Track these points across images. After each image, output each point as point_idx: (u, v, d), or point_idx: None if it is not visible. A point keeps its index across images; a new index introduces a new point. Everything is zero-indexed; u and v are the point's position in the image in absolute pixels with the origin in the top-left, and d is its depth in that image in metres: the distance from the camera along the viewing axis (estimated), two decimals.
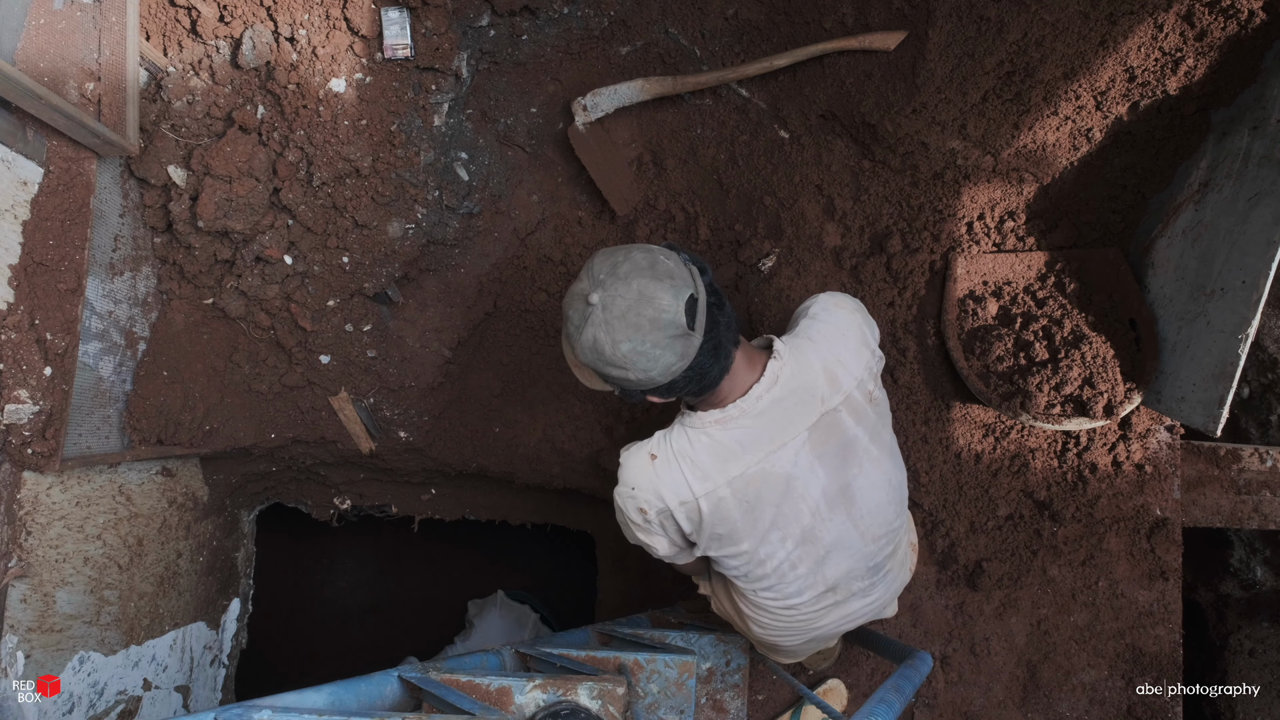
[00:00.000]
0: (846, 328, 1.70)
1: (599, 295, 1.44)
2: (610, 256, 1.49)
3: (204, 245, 2.59)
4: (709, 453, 1.62)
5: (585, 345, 1.48)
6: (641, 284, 1.44)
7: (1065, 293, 2.65)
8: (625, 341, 1.45)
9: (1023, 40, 2.37)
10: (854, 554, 1.77)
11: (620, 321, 1.44)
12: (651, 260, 1.47)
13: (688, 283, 1.48)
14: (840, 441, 1.67)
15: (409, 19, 2.47)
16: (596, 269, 1.48)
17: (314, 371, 2.87)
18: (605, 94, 2.73)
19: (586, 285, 1.47)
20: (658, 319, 1.44)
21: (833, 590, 1.82)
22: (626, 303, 1.43)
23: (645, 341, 1.44)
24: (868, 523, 1.75)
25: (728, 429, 1.61)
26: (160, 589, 2.87)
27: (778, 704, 2.72)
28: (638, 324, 1.44)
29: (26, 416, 2.13)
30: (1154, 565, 2.75)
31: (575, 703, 1.55)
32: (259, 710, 1.34)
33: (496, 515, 3.87)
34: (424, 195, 2.67)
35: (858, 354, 1.68)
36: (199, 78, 2.47)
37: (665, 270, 1.47)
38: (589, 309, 1.45)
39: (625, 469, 1.69)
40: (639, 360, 1.46)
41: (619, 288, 1.44)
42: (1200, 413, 2.38)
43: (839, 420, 1.65)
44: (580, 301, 1.48)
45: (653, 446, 1.67)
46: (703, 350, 1.49)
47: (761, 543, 1.71)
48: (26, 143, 2.09)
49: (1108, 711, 2.76)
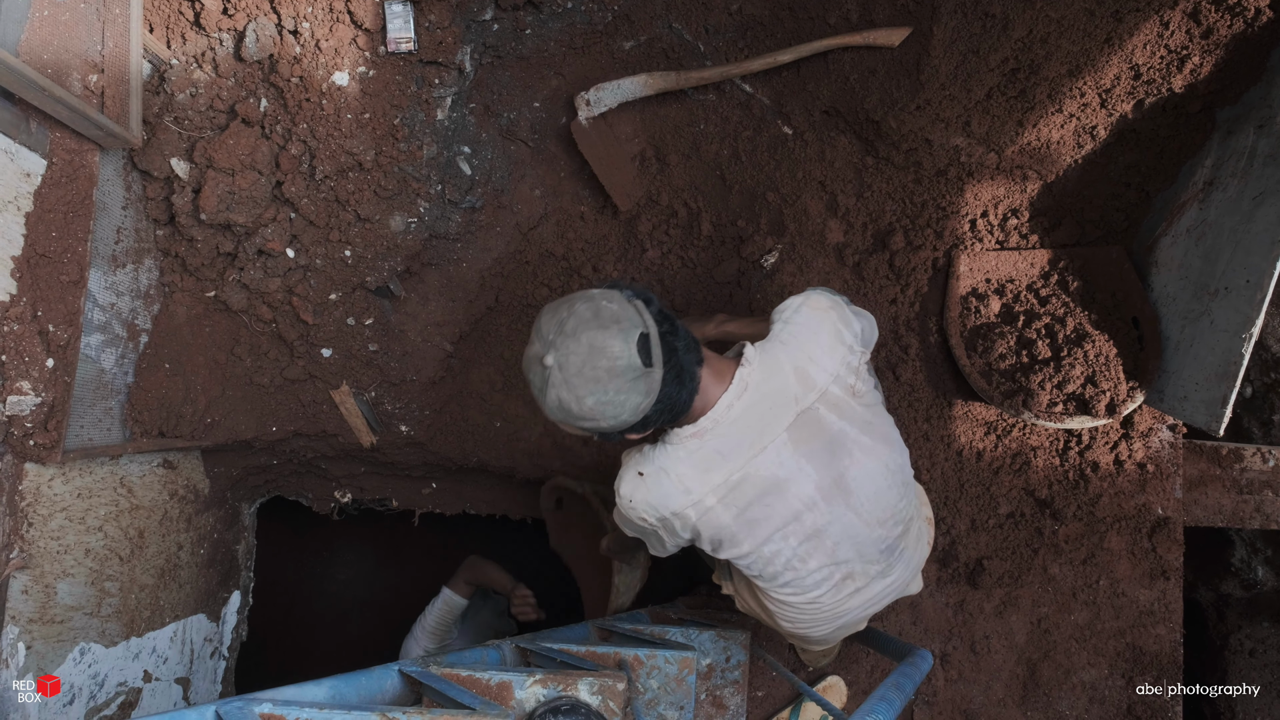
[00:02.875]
0: (818, 325, 1.71)
1: (552, 356, 1.47)
2: (555, 314, 1.51)
3: (206, 238, 2.59)
4: (689, 465, 1.66)
5: (551, 406, 1.52)
6: (590, 336, 1.46)
7: (1068, 291, 2.64)
8: (589, 396, 1.48)
9: (1028, 37, 2.36)
10: (862, 540, 1.78)
11: (579, 378, 1.47)
12: (595, 309, 1.49)
13: (635, 322, 1.50)
14: (825, 437, 1.68)
15: (412, 12, 2.47)
16: (545, 329, 1.51)
17: (315, 365, 2.87)
18: (608, 89, 2.72)
19: (539, 348, 1.50)
20: (614, 367, 1.46)
21: (850, 578, 1.83)
22: (580, 358, 1.46)
23: (608, 391, 1.47)
24: (870, 509, 1.76)
25: (704, 440, 1.64)
26: (161, 581, 2.87)
27: (777, 700, 2.72)
28: (596, 376, 1.46)
29: (28, 408, 2.13)
30: (1155, 564, 2.75)
31: (575, 698, 1.55)
32: (259, 703, 1.33)
33: (497, 510, 3.87)
34: (426, 189, 2.67)
35: (831, 350, 1.69)
36: (202, 70, 2.47)
37: (610, 315, 1.49)
38: (546, 371, 1.49)
39: (621, 482, 1.74)
40: (607, 409, 1.50)
41: (569, 345, 1.46)
42: (1203, 412, 2.38)
43: (818, 417, 1.67)
44: (537, 365, 1.51)
45: (639, 464, 1.71)
46: (666, 380, 1.52)
47: (764, 543, 1.73)
48: (29, 134, 2.09)
49: (1108, 710, 2.76)
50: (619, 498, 1.75)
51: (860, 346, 1.75)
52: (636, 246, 2.92)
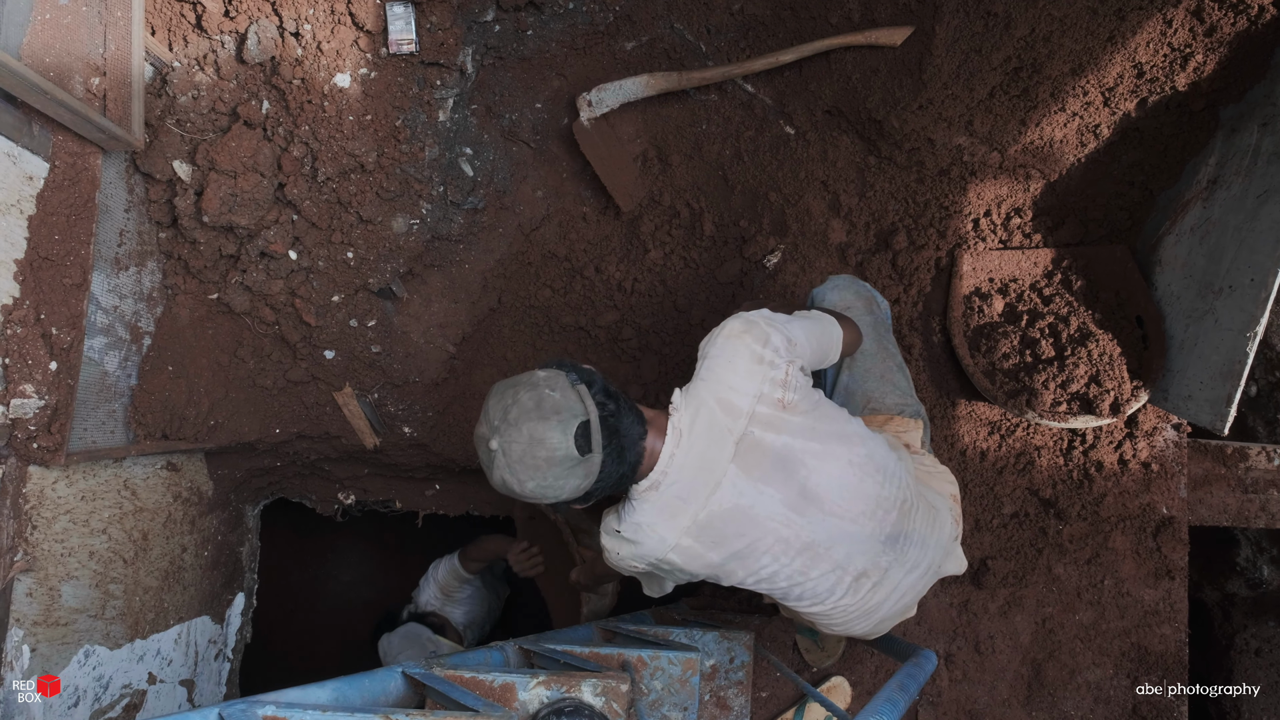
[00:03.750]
0: (733, 353, 1.72)
1: (496, 441, 1.55)
2: (501, 400, 1.58)
3: (209, 240, 2.59)
4: (656, 515, 1.69)
5: (497, 484, 1.60)
6: (530, 427, 1.53)
7: (1072, 290, 2.64)
8: (529, 480, 1.56)
9: (1030, 36, 2.36)
10: (855, 536, 1.76)
11: (520, 465, 1.55)
12: (537, 399, 1.56)
13: (576, 411, 1.56)
14: (771, 456, 1.69)
15: (414, 14, 2.47)
16: (491, 414, 1.58)
17: (318, 367, 2.87)
18: (610, 89, 2.72)
19: (485, 430, 1.58)
20: (551, 457, 1.54)
21: (863, 576, 1.81)
22: (521, 447, 1.54)
23: (547, 476, 1.56)
24: (848, 507, 1.74)
25: (660, 491, 1.67)
26: (165, 583, 2.87)
27: (781, 701, 2.72)
28: (535, 464, 1.54)
29: (32, 411, 2.13)
30: (1160, 564, 2.75)
31: (579, 699, 1.55)
32: (263, 706, 1.33)
33: (500, 511, 3.87)
34: (428, 190, 2.67)
35: (749, 373, 1.70)
36: (204, 72, 2.47)
37: (551, 406, 1.55)
38: (491, 454, 1.57)
39: (603, 539, 1.80)
40: (547, 491, 1.58)
41: (511, 433, 1.54)
42: (1207, 411, 2.37)
43: (756, 440, 1.68)
44: (484, 446, 1.58)
45: (614, 523, 1.77)
46: (606, 463, 1.59)
47: (759, 568, 1.75)
48: (32, 137, 2.09)
49: (1113, 710, 2.76)
50: (605, 552, 1.81)
51: (784, 358, 1.73)
52: (639, 247, 2.92)
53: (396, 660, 3.53)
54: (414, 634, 3.72)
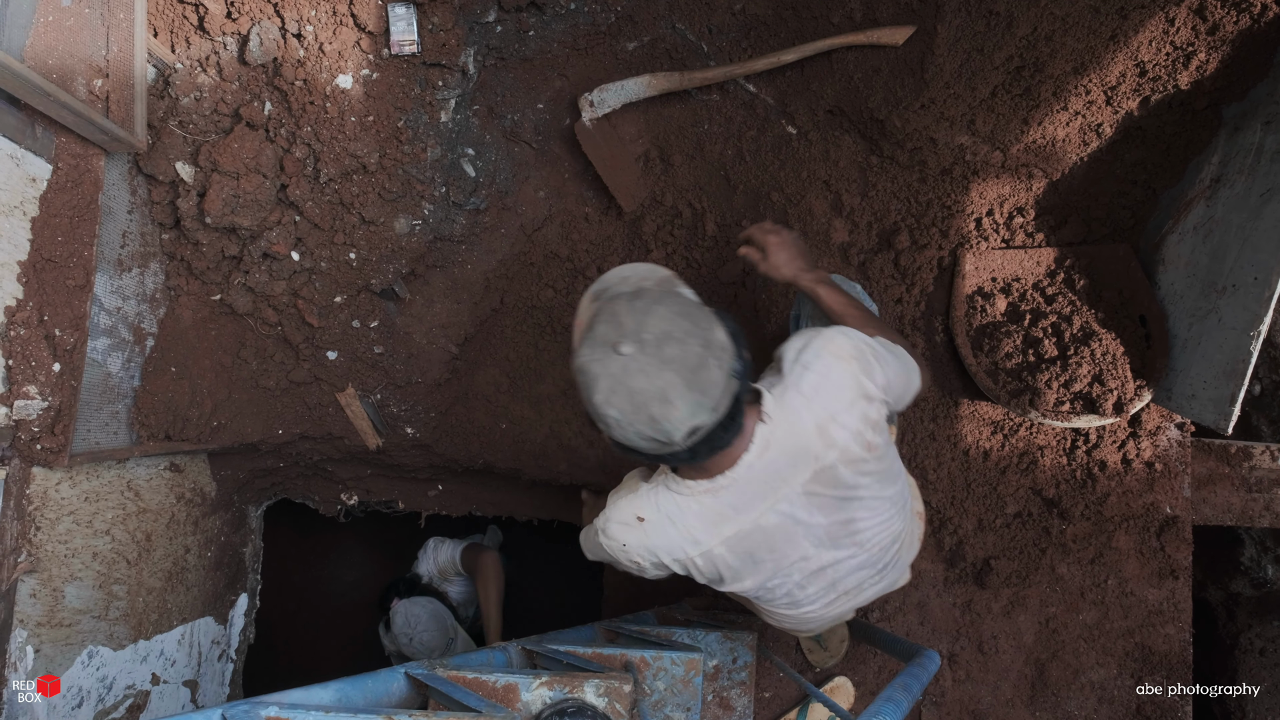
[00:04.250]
0: (840, 380, 1.56)
1: (631, 344, 1.32)
2: (631, 305, 1.37)
3: (211, 241, 2.59)
4: (700, 518, 1.57)
5: (607, 403, 1.35)
6: (674, 322, 1.33)
7: (1075, 289, 2.64)
8: (660, 382, 1.32)
9: (1032, 35, 2.35)
10: (863, 564, 1.77)
11: (656, 364, 1.31)
12: (684, 309, 1.36)
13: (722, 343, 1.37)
14: (839, 491, 1.61)
15: (415, 15, 2.47)
16: (621, 314, 1.36)
17: (321, 368, 2.88)
18: (612, 90, 2.72)
19: (610, 331, 1.35)
20: (694, 363, 1.32)
21: (846, 594, 1.82)
22: (659, 343, 1.32)
23: (677, 384, 1.32)
24: (875, 541, 1.72)
25: (718, 496, 1.55)
26: (168, 584, 2.88)
27: (784, 701, 2.71)
28: (673, 366, 1.31)
29: (35, 412, 2.14)
30: (1164, 563, 2.74)
31: (581, 700, 1.55)
32: (266, 707, 1.34)
33: (503, 511, 3.87)
34: (430, 191, 2.67)
35: (852, 406, 1.55)
36: (206, 74, 2.47)
37: (701, 319, 1.36)
38: (619, 359, 1.32)
39: (612, 526, 1.64)
40: (669, 412, 1.33)
41: (649, 324, 1.33)
42: (1211, 410, 2.36)
43: (836, 475, 1.58)
44: (603, 351, 1.34)
45: (639, 508, 1.60)
46: (724, 416, 1.38)
47: (767, 579, 1.70)
48: (35, 139, 2.09)
49: (1116, 710, 2.75)
50: (608, 540, 1.65)
51: (880, 398, 1.60)
52: (641, 247, 2.92)
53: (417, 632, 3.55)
54: (440, 615, 3.70)
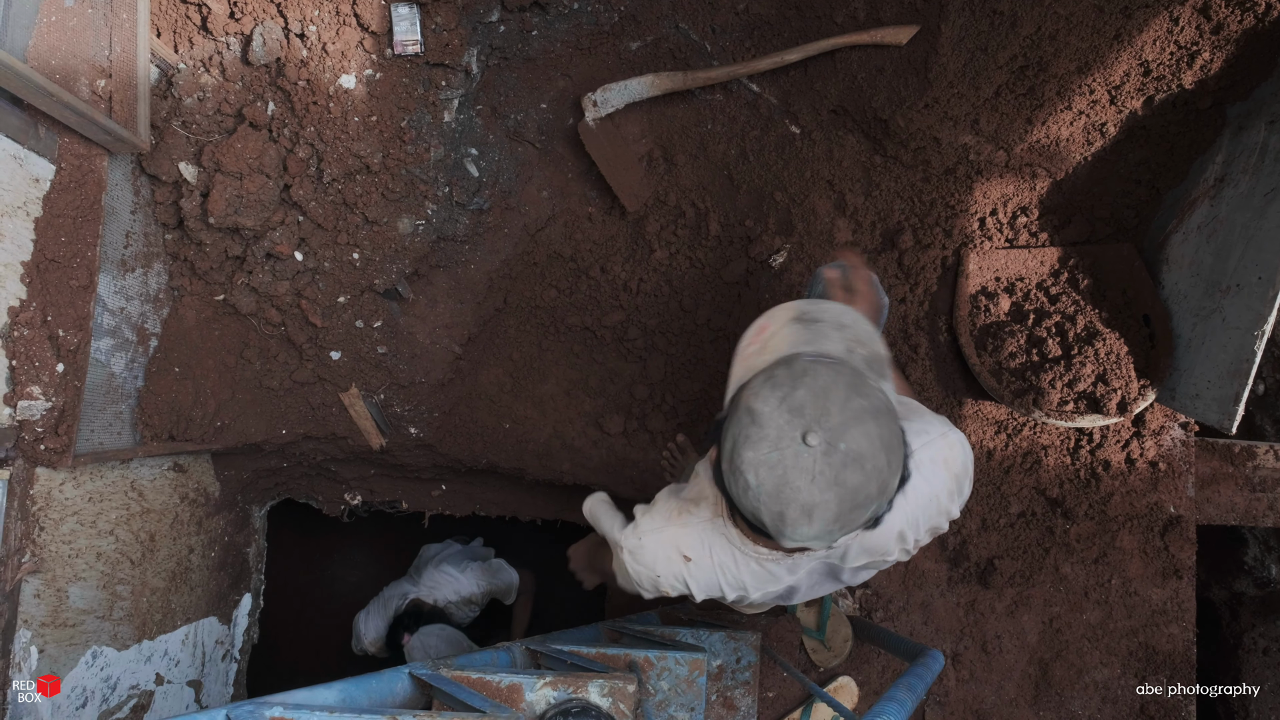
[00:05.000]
0: (938, 495, 1.45)
1: (819, 436, 1.14)
2: (811, 381, 1.18)
3: (215, 242, 2.59)
4: (754, 577, 1.50)
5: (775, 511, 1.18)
6: (866, 427, 1.16)
7: (1078, 289, 2.63)
8: (836, 500, 1.16)
9: (1036, 34, 2.35)
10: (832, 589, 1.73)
11: (845, 472, 1.15)
12: (865, 392, 1.19)
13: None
14: (873, 565, 1.56)
15: (419, 15, 2.47)
16: (800, 399, 1.17)
17: (324, 368, 2.88)
18: (615, 89, 2.72)
19: (783, 423, 1.16)
20: (874, 470, 1.16)
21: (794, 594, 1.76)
22: (856, 446, 1.15)
23: (858, 498, 1.17)
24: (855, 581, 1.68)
25: (779, 565, 1.47)
26: (172, 584, 2.88)
27: (788, 701, 2.71)
28: (856, 478, 1.16)
29: (39, 413, 2.14)
30: (1167, 563, 2.74)
31: (585, 700, 1.55)
32: (270, 707, 1.34)
33: (507, 511, 3.87)
34: (434, 191, 2.67)
35: (931, 519, 1.47)
36: (209, 74, 2.47)
37: (879, 406, 1.19)
38: (804, 453, 1.15)
39: (648, 553, 1.53)
40: (834, 528, 1.19)
41: (846, 429, 1.15)
42: (1215, 410, 2.36)
43: (885, 559, 1.52)
44: (784, 443, 1.16)
45: (687, 546, 1.49)
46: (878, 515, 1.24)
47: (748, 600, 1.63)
48: (38, 140, 2.10)
49: (1120, 710, 2.75)
50: (637, 566, 1.56)
51: (951, 520, 1.51)
52: (644, 247, 2.92)
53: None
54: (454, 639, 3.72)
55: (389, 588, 4.05)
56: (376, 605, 3.98)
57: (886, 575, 2.78)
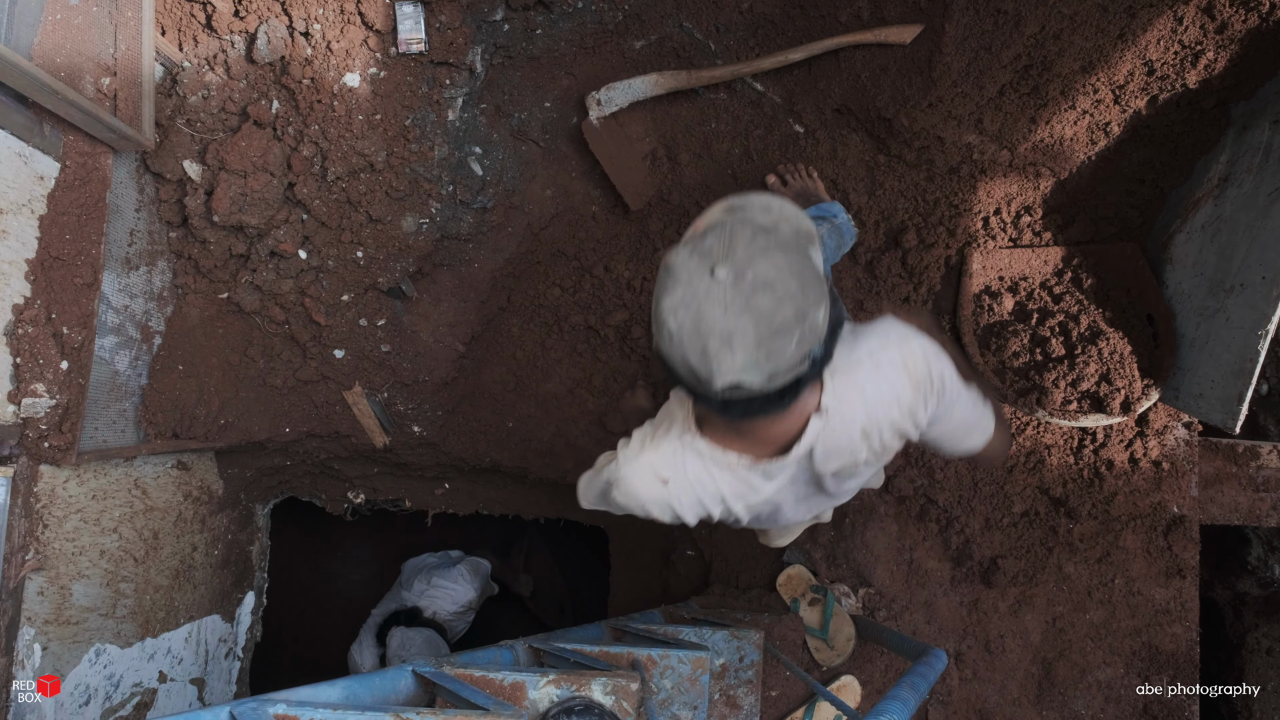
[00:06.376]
0: (899, 397, 1.48)
1: (727, 268, 1.17)
2: (727, 223, 1.22)
3: (219, 240, 2.60)
4: (731, 489, 1.51)
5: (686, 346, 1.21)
6: (774, 257, 1.18)
7: (1082, 288, 2.63)
8: (751, 325, 1.17)
9: (1040, 34, 2.35)
10: (821, 506, 1.75)
11: (753, 298, 1.16)
12: (773, 223, 1.22)
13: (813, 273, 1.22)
14: (850, 479, 1.59)
15: (423, 13, 2.47)
16: (709, 240, 1.21)
17: (328, 366, 2.88)
18: (619, 88, 2.72)
19: (695, 258, 1.20)
20: (788, 299, 1.17)
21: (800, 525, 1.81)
22: (762, 274, 1.17)
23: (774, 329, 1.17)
24: (841, 494, 1.70)
25: (751, 472, 1.48)
26: (175, 582, 2.88)
27: (791, 700, 2.71)
28: (766, 307, 1.16)
29: (43, 410, 2.14)
30: (1171, 563, 2.73)
31: (589, 698, 1.55)
32: (273, 704, 1.34)
33: (510, 510, 3.88)
34: (438, 190, 2.67)
35: (896, 423, 1.50)
36: (214, 72, 2.48)
37: (793, 236, 1.22)
38: (711, 287, 1.18)
39: (630, 483, 1.55)
40: (761, 361, 1.19)
41: (751, 259, 1.17)
42: (1219, 409, 2.36)
43: (855, 468, 1.55)
44: (695, 276, 1.20)
45: (662, 468, 1.51)
46: (810, 368, 1.24)
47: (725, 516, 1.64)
48: (43, 138, 2.10)
49: (1123, 710, 2.75)
50: (618, 490, 1.57)
51: (921, 431, 1.55)
52: (648, 245, 2.92)
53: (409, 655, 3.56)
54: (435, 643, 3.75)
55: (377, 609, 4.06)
56: (367, 632, 3.99)
57: (890, 574, 2.78)
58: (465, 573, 4.09)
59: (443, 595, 4.00)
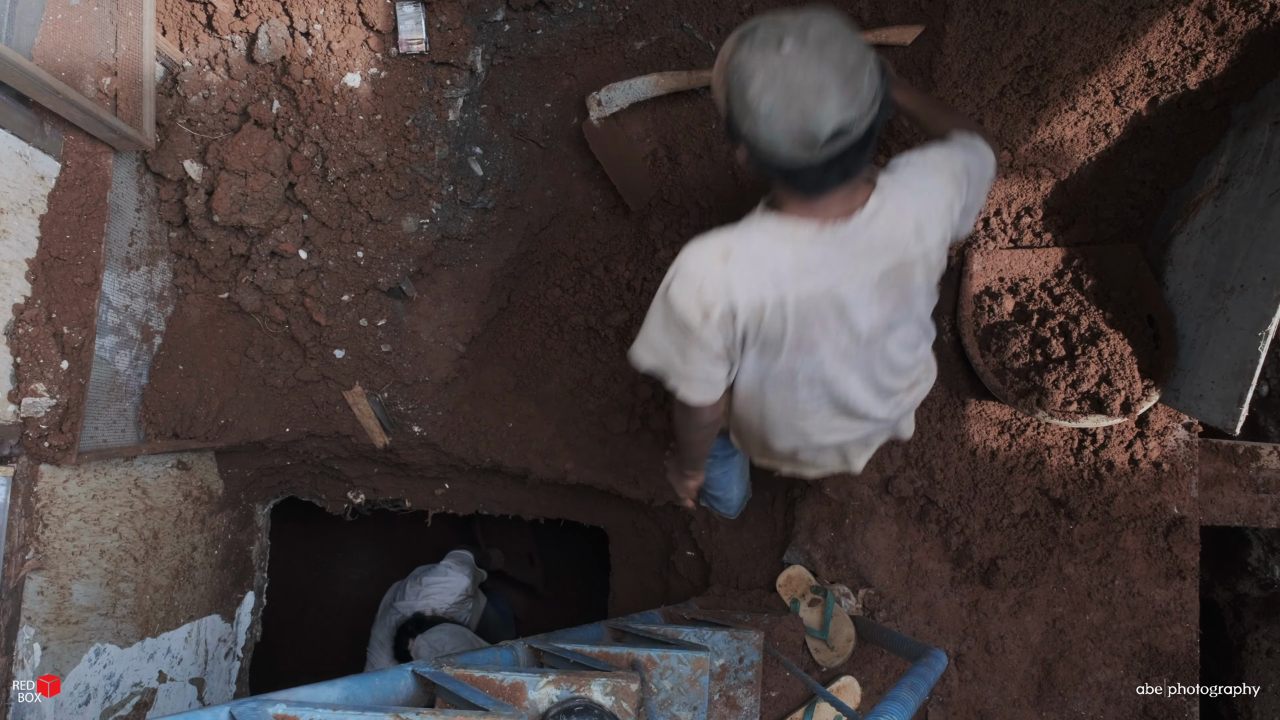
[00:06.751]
0: (940, 192, 1.66)
1: (792, 41, 1.37)
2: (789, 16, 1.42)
3: (219, 240, 2.60)
4: (789, 265, 1.58)
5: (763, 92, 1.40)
6: (833, 23, 1.39)
7: (1083, 289, 2.63)
8: (822, 71, 1.37)
9: (1041, 35, 2.35)
10: (875, 384, 1.80)
11: (819, 51, 1.37)
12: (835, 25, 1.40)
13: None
14: (904, 289, 1.68)
15: (424, 14, 2.47)
16: (782, 20, 1.40)
17: (328, 366, 2.88)
18: (619, 89, 2.72)
19: (769, 32, 1.39)
20: (849, 56, 1.38)
21: (844, 413, 1.84)
22: (823, 32, 1.38)
23: (839, 74, 1.37)
24: (896, 356, 1.78)
25: (815, 247, 1.58)
26: (175, 582, 2.88)
27: (791, 701, 2.71)
28: (832, 57, 1.37)
29: (43, 410, 2.14)
30: (1171, 564, 2.73)
31: (588, 699, 1.55)
32: (273, 704, 1.34)
33: (510, 510, 3.87)
34: (438, 190, 2.67)
35: (941, 220, 1.66)
36: (214, 72, 2.48)
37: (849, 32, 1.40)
38: (781, 47, 1.37)
39: (690, 261, 1.61)
40: (828, 99, 1.37)
41: (811, 27, 1.38)
42: (1219, 410, 2.36)
43: (911, 272, 1.66)
44: (767, 45, 1.39)
45: (728, 242, 1.60)
46: (877, 117, 1.44)
47: (797, 357, 1.69)
48: (44, 137, 2.10)
49: (1124, 711, 2.75)
50: (678, 282, 1.62)
51: (960, 223, 1.74)
52: (648, 246, 2.92)
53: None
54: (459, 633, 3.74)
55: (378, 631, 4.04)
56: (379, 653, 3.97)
57: (890, 575, 2.78)
58: (451, 565, 4.11)
59: (438, 589, 3.99)
